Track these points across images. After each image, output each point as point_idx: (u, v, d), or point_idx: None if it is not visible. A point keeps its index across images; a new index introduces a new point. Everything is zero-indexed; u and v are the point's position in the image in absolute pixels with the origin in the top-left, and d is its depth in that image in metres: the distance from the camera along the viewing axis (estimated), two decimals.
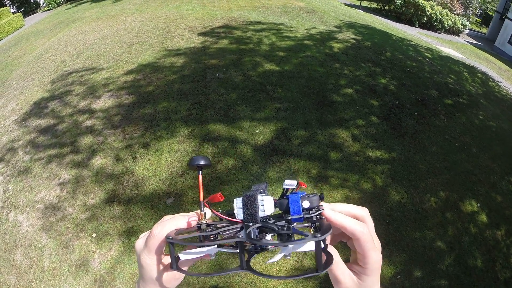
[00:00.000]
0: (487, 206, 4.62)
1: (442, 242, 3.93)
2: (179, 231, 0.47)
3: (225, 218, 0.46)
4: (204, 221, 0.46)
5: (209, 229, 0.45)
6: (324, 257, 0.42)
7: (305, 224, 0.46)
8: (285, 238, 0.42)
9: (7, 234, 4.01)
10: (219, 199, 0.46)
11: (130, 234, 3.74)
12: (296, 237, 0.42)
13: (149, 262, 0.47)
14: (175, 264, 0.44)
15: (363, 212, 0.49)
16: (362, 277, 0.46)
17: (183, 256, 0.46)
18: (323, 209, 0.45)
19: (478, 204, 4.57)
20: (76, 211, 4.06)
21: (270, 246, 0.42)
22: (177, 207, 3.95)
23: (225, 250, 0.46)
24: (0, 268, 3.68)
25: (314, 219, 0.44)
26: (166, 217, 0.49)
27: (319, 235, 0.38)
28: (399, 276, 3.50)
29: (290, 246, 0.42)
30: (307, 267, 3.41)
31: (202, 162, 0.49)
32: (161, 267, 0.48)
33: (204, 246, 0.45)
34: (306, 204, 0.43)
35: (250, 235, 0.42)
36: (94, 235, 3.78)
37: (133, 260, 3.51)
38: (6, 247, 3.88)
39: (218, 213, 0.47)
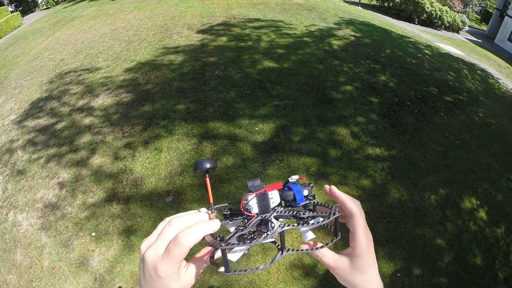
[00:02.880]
0: (487, 203, 4.61)
1: (442, 239, 3.93)
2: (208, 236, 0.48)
3: (248, 214, 0.49)
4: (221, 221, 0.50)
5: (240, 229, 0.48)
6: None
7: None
8: (305, 220, 0.48)
9: (6, 233, 4.01)
10: (280, 187, 0.52)
11: (130, 232, 3.73)
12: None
13: (170, 272, 0.44)
14: (228, 269, 0.45)
15: (356, 203, 0.53)
16: (354, 259, 0.51)
17: (232, 257, 0.47)
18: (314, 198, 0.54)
19: (478, 202, 4.57)
20: (75, 210, 4.05)
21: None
22: (177, 206, 3.95)
23: (265, 241, 0.47)
24: (0, 268, 3.67)
25: (313, 205, 0.53)
26: (173, 217, 0.47)
27: (337, 212, 0.48)
28: (399, 274, 3.50)
29: (311, 222, 0.49)
30: (306, 264, 3.41)
31: (208, 165, 0.51)
32: (179, 275, 0.46)
33: (249, 244, 0.46)
34: (305, 192, 0.53)
35: (272, 223, 0.48)
36: (93, 234, 3.77)
37: (133, 259, 3.51)
38: (5, 246, 3.87)
39: (247, 213, 0.50)
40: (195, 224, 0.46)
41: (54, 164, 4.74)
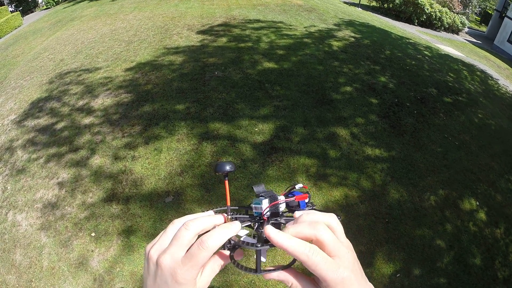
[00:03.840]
0: (486, 204, 4.62)
1: (441, 240, 3.94)
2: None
3: (264, 219, 0.50)
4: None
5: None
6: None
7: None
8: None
9: (6, 233, 4.00)
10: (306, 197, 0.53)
11: (129, 233, 3.73)
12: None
13: (190, 278, 0.42)
14: (260, 269, 0.45)
15: (329, 219, 0.45)
16: None
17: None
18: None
19: (477, 203, 4.57)
20: (75, 210, 4.05)
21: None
22: (176, 206, 3.95)
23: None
24: (0, 268, 3.67)
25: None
26: (188, 220, 0.45)
27: (258, 245, 0.44)
28: (398, 275, 3.50)
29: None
30: (296, 266, 3.40)
31: (228, 168, 0.52)
32: (196, 282, 0.44)
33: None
34: (306, 200, 0.54)
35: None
36: (93, 234, 3.77)
37: (132, 259, 3.51)
38: (5, 246, 3.87)
39: (265, 217, 0.50)
40: (219, 227, 0.45)
41: (53, 164, 4.74)
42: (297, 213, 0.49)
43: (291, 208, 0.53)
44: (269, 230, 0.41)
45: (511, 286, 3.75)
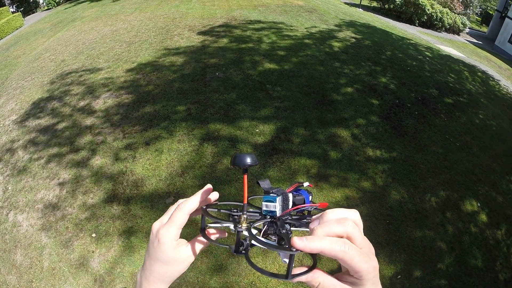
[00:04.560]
0: (488, 205, 4.61)
1: (443, 241, 3.93)
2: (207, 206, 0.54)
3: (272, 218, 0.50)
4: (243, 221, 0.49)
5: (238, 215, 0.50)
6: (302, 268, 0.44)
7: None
8: (281, 241, 0.47)
9: (6, 234, 4.01)
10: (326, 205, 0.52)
11: (130, 234, 3.73)
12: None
13: (170, 236, 0.50)
14: (291, 275, 0.43)
15: (353, 215, 0.46)
16: (358, 287, 0.43)
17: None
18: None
19: (479, 204, 4.56)
20: (75, 211, 4.05)
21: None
22: None
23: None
24: (0, 268, 3.67)
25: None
26: (181, 200, 0.54)
27: (293, 250, 0.40)
28: (399, 276, 3.50)
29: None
30: (306, 265, 3.40)
31: (249, 161, 0.44)
32: (177, 246, 0.52)
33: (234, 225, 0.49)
34: (310, 197, 0.54)
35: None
36: (93, 235, 3.77)
37: (133, 260, 3.51)
38: (6, 247, 3.87)
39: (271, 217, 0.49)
40: (194, 194, 0.54)
41: (54, 165, 4.74)
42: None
43: (296, 205, 0.52)
44: (298, 242, 0.40)
45: None
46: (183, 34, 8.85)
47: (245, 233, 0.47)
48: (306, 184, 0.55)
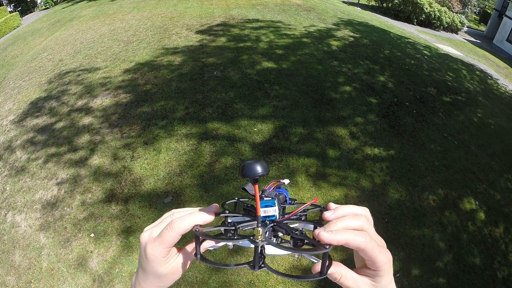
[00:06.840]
0: (486, 204, 4.62)
1: (441, 240, 3.94)
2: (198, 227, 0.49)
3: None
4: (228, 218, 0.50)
5: (231, 225, 0.48)
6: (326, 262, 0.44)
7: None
8: (298, 243, 0.45)
9: (5, 234, 4.00)
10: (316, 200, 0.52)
11: (128, 233, 3.73)
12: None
13: (157, 255, 0.47)
14: (199, 255, 0.45)
15: (365, 212, 0.50)
16: (377, 279, 0.46)
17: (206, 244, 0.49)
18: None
19: (477, 202, 4.58)
20: (74, 211, 4.04)
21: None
22: (175, 206, 3.92)
23: (240, 244, 0.47)
24: None
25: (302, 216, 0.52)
26: (175, 211, 0.51)
27: (327, 247, 0.41)
28: (398, 274, 3.50)
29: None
30: (305, 265, 3.41)
31: (261, 171, 0.41)
32: (167, 260, 0.49)
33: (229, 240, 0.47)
34: (287, 194, 0.53)
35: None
36: (92, 235, 3.76)
37: (132, 259, 3.50)
38: (4, 248, 3.86)
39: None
40: (189, 213, 0.48)
41: (52, 165, 4.73)
42: (331, 205, 0.51)
43: (281, 203, 0.51)
44: (325, 235, 0.42)
45: (510, 285, 3.75)
46: (181, 33, 8.83)
47: (267, 246, 0.45)
48: (287, 181, 0.53)
